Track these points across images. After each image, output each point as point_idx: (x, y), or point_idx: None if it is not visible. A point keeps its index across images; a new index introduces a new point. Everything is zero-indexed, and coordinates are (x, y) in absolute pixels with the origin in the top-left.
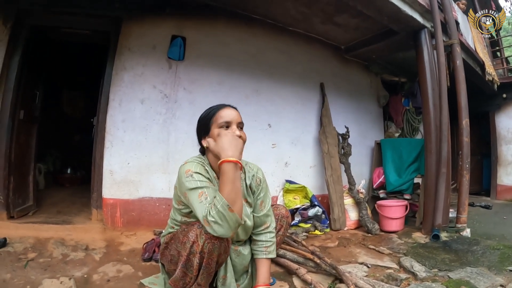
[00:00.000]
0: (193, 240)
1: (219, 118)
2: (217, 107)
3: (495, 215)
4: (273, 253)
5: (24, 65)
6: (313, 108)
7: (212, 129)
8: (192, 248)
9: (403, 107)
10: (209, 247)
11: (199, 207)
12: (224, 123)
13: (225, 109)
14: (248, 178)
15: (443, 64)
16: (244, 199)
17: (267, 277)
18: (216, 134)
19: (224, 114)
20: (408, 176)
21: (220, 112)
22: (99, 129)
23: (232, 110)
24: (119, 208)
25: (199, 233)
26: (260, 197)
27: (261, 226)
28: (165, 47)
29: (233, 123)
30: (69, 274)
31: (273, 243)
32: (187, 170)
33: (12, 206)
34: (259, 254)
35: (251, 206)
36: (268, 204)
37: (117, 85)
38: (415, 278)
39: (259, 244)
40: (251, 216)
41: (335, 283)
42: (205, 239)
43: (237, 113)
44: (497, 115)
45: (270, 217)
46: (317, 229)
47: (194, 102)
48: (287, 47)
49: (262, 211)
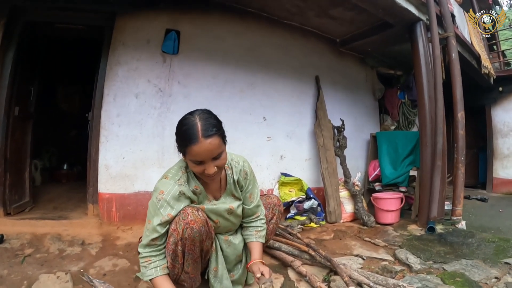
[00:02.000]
0: (173, 228)
1: (190, 155)
2: (189, 137)
3: (491, 208)
4: (263, 238)
5: (18, 61)
6: (308, 101)
7: (186, 157)
8: (173, 237)
9: (398, 100)
10: (188, 233)
11: (145, 231)
12: (195, 161)
13: (197, 146)
14: (235, 173)
15: (439, 57)
16: (232, 194)
17: (260, 255)
18: (190, 165)
19: (195, 153)
20: (403, 169)
21: (191, 148)
22: (94, 124)
23: (205, 146)
24: (115, 202)
25: (177, 220)
26: (249, 190)
27: (252, 216)
28: (159, 41)
29: (207, 161)
30: (66, 269)
31: (263, 228)
32: (161, 192)
33: (9, 203)
34: (250, 238)
35: (240, 199)
36: (257, 195)
37: (111, 80)
38: (410, 270)
39: (250, 229)
40: (239, 208)
41: (330, 275)
42: (183, 225)
43: (211, 148)
44: (493, 109)
45: (260, 207)
46: (313, 221)
47: (189, 96)
48: (282, 40)
49: (252, 203)
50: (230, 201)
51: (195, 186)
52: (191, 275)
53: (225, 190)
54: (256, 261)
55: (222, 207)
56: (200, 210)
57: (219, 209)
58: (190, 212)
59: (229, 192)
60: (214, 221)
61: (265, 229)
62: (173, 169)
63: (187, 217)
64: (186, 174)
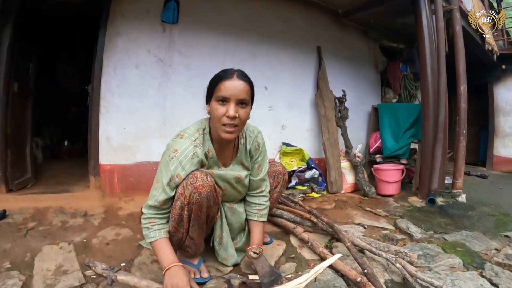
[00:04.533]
0: (180, 192)
1: (218, 90)
2: (224, 75)
3: (491, 184)
4: (264, 216)
5: (16, 37)
6: (310, 72)
7: (212, 99)
8: (180, 201)
9: (401, 73)
10: (196, 197)
11: (152, 190)
12: (221, 97)
13: (229, 81)
14: (248, 142)
15: (442, 30)
16: (241, 163)
17: (260, 239)
18: (213, 109)
19: (224, 87)
20: (405, 141)
21: (222, 83)
22: (94, 96)
23: (236, 83)
24: (116, 173)
25: (185, 184)
26: (258, 161)
27: (256, 190)
28: (158, 11)
29: (231, 101)
30: (69, 239)
31: (266, 206)
32: (175, 150)
33: (11, 179)
34: (251, 216)
35: (248, 169)
36: (265, 168)
37: (111, 51)
38: (411, 239)
39: (252, 206)
40: (247, 178)
41: (331, 242)
42: (191, 189)
43: (241, 87)
44: (496, 87)
45: (266, 182)
46: (314, 191)
47: (190, 66)
48: (284, 11)
49: (259, 175)
50: (238, 170)
51: (208, 150)
52: (195, 241)
53: (235, 158)
54: (255, 247)
55: (231, 174)
56: (208, 175)
57: (227, 176)
58: (199, 176)
59: (239, 160)
60: (221, 187)
61: (267, 207)
62: (190, 129)
63: (195, 181)
64: (203, 136)
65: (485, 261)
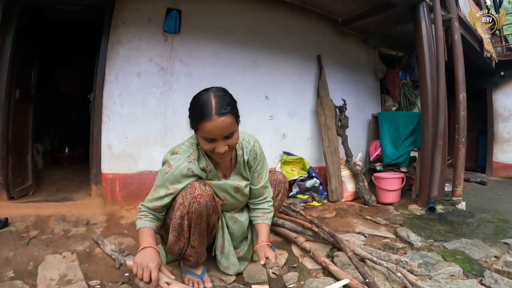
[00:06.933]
0: (180, 202)
1: (201, 131)
2: (202, 113)
3: (490, 191)
4: (270, 220)
5: (18, 44)
6: (310, 80)
7: (198, 133)
8: (180, 211)
9: (400, 81)
10: (195, 207)
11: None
12: (206, 138)
13: (209, 123)
14: (246, 153)
15: (441, 38)
16: (240, 174)
17: (267, 237)
18: (201, 143)
19: (207, 130)
20: (404, 149)
21: (203, 125)
22: (96, 104)
23: (217, 123)
24: (118, 182)
25: (184, 194)
26: (257, 170)
27: (259, 197)
28: (160, 20)
29: (218, 139)
30: (72, 248)
31: (271, 211)
32: (170, 165)
33: (12, 187)
34: (257, 220)
35: (248, 180)
36: (266, 176)
37: (113, 59)
38: (411, 248)
39: (257, 211)
40: (247, 188)
41: (333, 251)
42: (190, 198)
43: (223, 125)
44: (495, 93)
45: (268, 189)
46: (315, 200)
47: (191, 74)
48: (285, 19)
49: (259, 183)
50: (238, 180)
51: (206, 164)
52: (197, 250)
53: (234, 169)
54: (263, 244)
55: (230, 184)
56: (207, 185)
57: (226, 186)
58: (197, 186)
59: (238, 171)
60: (221, 198)
61: (272, 211)
62: (185, 144)
63: (194, 191)
64: (197, 151)
65: (485, 268)
